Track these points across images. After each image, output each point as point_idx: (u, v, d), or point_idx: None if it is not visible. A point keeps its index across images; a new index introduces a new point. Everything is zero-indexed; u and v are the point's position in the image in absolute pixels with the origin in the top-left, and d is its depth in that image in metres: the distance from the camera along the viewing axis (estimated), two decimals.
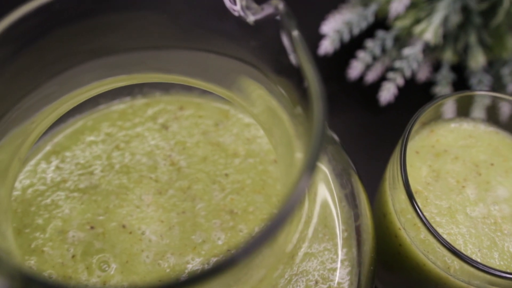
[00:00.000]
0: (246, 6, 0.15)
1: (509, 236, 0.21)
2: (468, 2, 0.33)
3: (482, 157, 0.23)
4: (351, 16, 0.34)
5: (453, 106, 0.24)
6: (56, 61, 0.17)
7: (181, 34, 0.17)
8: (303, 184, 0.12)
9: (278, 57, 0.15)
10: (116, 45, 0.17)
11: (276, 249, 0.17)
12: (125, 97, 0.27)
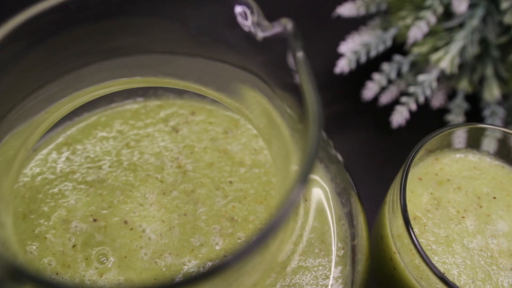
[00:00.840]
0: (257, 22, 0.16)
1: (505, 271, 0.21)
2: (487, 34, 0.33)
3: (485, 190, 0.24)
4: (369, 39, 0.35)
5: (460, 137, 0.24)
6: (74, 57, 0.18)
7: (194, 42, 0.18)
8: (295, 195, 0.13)
9: (283, 74, 0.15)
10: (132, 47, 0.18)
11: (268, 257, 0.17)
12: (139, 98, 0.28)
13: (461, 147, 0.25)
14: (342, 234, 0.24)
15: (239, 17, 0.16)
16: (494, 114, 0.34)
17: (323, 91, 0.39)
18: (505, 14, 0.31)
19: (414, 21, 0.33)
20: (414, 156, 0.21)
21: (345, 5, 0.36)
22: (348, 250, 0.24)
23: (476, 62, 0.35)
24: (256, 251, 0.13)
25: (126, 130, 0.27)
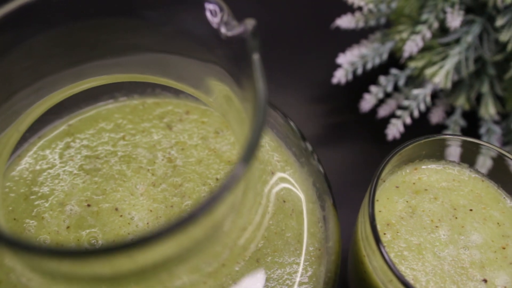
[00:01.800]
0: (225, 21, 0.17)
1: (474, 282, 0.22)
2: (483, 52, 0.33)
3: (462, 202, 0.24)
4: (366, 51, 0.36)
5: (440, 148, 0.25)
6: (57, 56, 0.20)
7: (163, 38, 0.19)
8: (237, 171, 0.14)
9: (240, 70, 0.16)
10: (103, 45, 0.20)
11: (226, 240, 0.19)
12: (138, 95, 0.29)
13: (442, 159, 0.25)
14: (319, 236, 0.25)
15: (209, 13, 0.18)
16: (491, 132, 0.35)
17: (322, 101, 0.40)
18: (500, 31, 0.32)
19: (410, 35, 0.33)
20: (386, 165, 0.22)
21: (343, 17, 0.37)
22: (324, 251, 0.25)
23: (473, 79, 0.35)
24: (199, 220, 0.14)
25: (123, 124, 0.28)
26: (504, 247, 0.23)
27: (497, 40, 0.32)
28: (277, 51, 0.42)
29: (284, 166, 0.27)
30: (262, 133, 0.15)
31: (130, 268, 0.16)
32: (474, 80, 0.35)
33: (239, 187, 0.16)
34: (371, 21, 0.37)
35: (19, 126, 0.21)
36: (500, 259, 0.22)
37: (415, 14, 0.35)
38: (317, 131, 0.38)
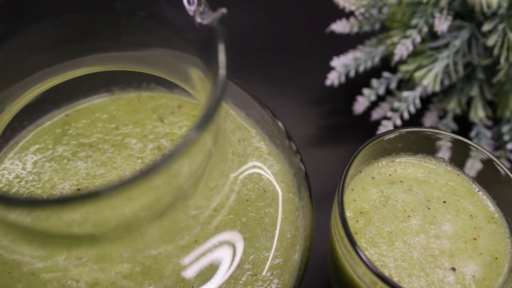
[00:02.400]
0: (201, 11, 0.18)
1: (442, 270, 0.22)
2: (472, 56, 0.34)
3: (436, 194, 0.24)
4: (359, 55, 0.37)
5: (416, 142, 0.25)
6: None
7: (142, 31, 0.21)
8: (190, 136, 0.16)
9: (209, 55, 0.18)
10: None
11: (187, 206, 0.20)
12: (134, 89, 0.31)
13: (418, 152, 0.26)
14: (296, 223, 0.26)
15: (186, 2, 0.19)
16: (481, 135, 0.35)
17: (318, 103, 0.41)
18: (488, 36, 0.32)
19: (401, 39, 0.34)
20: (353, 161, 0.23)
21: (338, 22, 0.38)
22: (300, 238, 0.26)
23: (464, 84, 0.36)
24: (154, 173, 0.15)
25: (118, 115, 0.30)
26: (475, 238, 0.23)
27: (485, 45, 0.33)
28: (275, 55, 0.43)
29: (267, 158, 0.28)
30: (218, 105, 0.16)
31: (102, 221, 0.17)
32: (465, 84, 0.36)
33: (194, 151, 0.18)
34: (365, 26, 0.38)
35: (12, 107, 0.23)
36: (470, 249, 0.23)
37: (407, 20, 0.35)
38: (312, 131, 0.39)
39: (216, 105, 0.17)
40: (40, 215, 0.17)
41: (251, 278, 0.24)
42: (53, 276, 0.22)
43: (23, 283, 0.23)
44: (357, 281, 0.22)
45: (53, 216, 0.17)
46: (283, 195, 0.26)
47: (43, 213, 0.16)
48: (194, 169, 0.19)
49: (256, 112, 0.30)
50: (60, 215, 0.17)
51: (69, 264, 0.22)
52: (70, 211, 0.16)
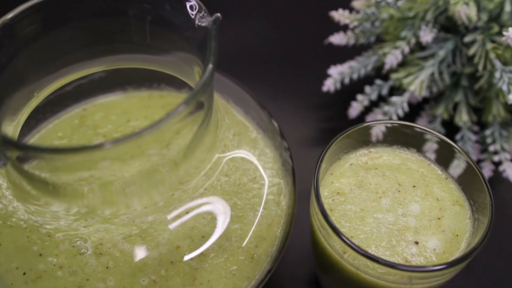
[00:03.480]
0: (201, 15, 0.23)
1: (406, 242, 0.25)
2: (456, 65, 0.37)
3: (407, 180, 0.27)
4: (354, 64, 0.40)
5: (390, 134, 0.28)
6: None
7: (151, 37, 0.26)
8: (178, 109, 0.19)
9: (204, 53, 0.22)
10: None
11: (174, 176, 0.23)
12: (146, 88, 0.35)
13: (394, 144, 0.29)
14: (282, 204, 0.29)
15: (189, 8, 0.23)
16: (466, 138, 0.37)
17: (316, 109, 0.44)
18: (469, 47, 0.35)
19: (391, 50, 0.37)
20: (327, 150, 0.26)
21: (336, 35, 0.41)
22: (284, 217, 0.28)
23: (451, 91, 0.38)
24: (145, 135, 0.19)
25: (131, 111, 0.34)
26: (439, 217, 0.26)
27: (468, 55, 0.36)
28: (278, 63, 0.47)
29: (259, 149, 0.31)
30: (205, 88, 0.20)
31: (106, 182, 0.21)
32: (452, 92, 0.38)
33: (181, 125, 0.21)
34: (361, 39, 0.42)
35: (40, 95, 0.27)
36: (434, 226, 0.25)
37: (398, 33, 0.39)
38: (310, 133, 0.42)
39: (202, 86, 0.20)
40: (56, 164, 0.20)
41: (237, 249, 0.27)
42: (65, 237, 0.26)
43: (39, 245, 0.26)
44: (330, 251, 0.25)
45: (65, 165, 0.21)
46: (271, 181, 0.30)
47: (57, 160, 0.20)
48: (183, 141, 0.23)
49: (254, 111, 0.34)
50: (70, 165, 0.20)
51: (79, 225, 0.26)
52: (77, 158, 0.20)
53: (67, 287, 0.26)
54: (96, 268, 0.26)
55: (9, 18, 0.23)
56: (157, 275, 0.26)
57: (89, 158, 0.20)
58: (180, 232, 0.27)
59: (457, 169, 0.27)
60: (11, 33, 0.23)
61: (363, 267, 0.23)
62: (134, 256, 0.26)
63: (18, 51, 0.24)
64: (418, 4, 0.36)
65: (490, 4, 0.34)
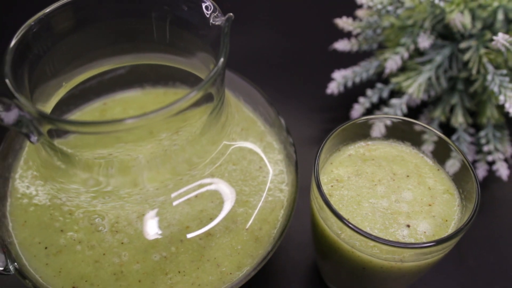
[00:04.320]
0: (215, 15, 0.25)
1: (399, 225, 0.27)
2: (452, 70, 0.39)
3: (402, 170, 0.29)
4: (357, 68, 0.42)
5: (385, 128, 0.30)
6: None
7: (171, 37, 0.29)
8: (190, 94, 0.22)
9: (217, 49, 0.25)
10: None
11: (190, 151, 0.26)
12: (162, 86, 0.38)
13: (390, 138, 0.31)
14: (285, 191, 0.31)
15: (204, 8, 0.26)
16: (461, 139, 0.39)
17: (320, 111, 0.46)
18: (464, 53, 0.38)
19: (391, 55, 0.40)
20: (331, 135, 0.28)
21: (340, 41, 0.44)
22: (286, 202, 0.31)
23: (448, 95, 0.41)
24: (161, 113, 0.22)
25: (146, 106, 0.37)
26: (430, 204, 0.28)
27: (463, 60, 0.38)
28: (285, 68, 0.50)
29: (266, 142, 0.34)
30: (215, 78, 0.23)
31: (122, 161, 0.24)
32: (449, 96, 0.41)
33: (189, 106, 0.24)
34: (364, 45, 0.44)
35: (67, 85, 0.30)
36: (425, 212, 0.27)
37: (398, 40, 0.41)
38: (314, 133, 0.44)
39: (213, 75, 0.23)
40: (80, 140, 0.23)
41: (242, 230, 0.29)
42: (85, 215, 0.28)
43: (61, 222, 0.29)
44: (328, 232, 0.27)
45: (87, 141, 0.23)
46: (275, 170, 0.32)
47: (84, 130, 0.23)
48: (192, 129, 0.25)
49: (263, 107, 0.36)
50: (92, 141, 0.23)
51: (97, 203, 0.28)
52: (102, 129, 0.22)
53: (85, 261, 0.28)
54: (112, 243, 0.28)
55: (46, 12, 0.26)
56: (167, 252, 0.28)
57: (112, 129, 0.23)
58: (190, 214, 0.29)
59: (449, 163, 0.29)
60: (47, 27, 0.26)
61: (358, 246, 0.25)
62: (146, 234, 0.28)
63: (53, 44, 0.27)
64: (417, 13, 0.39)
65: (484, 12, 0.36)
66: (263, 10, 0.59)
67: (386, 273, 0.26)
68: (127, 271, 0.27)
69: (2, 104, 0.22)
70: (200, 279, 0.28)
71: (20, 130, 0.23)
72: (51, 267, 0.28)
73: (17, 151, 0.33)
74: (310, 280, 0.35)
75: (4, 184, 0.31)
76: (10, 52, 0.24)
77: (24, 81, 0.24)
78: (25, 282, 0.28)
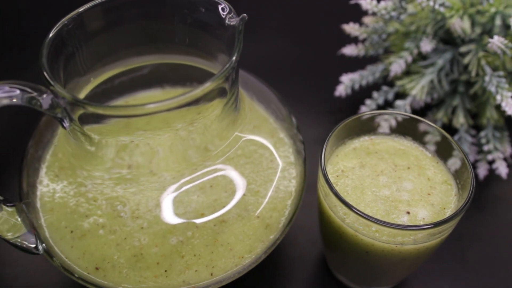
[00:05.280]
0: (230, 16, 0.28)
1: (400, 212, 0.28)
2: (454, 73, 0.41)
3: (403, 162, 0.31)
4: (364, 72, 0.45)
5: (387, 123, 0.32)
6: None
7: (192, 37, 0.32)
8: (206, 84, 0.24)
9: (230, 49, 0.27)
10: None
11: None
12: (181, 86, 0.40)
13: (392, 133, 0.33)
14: (293, 183, 0.33)
15: (220, 9, 0.28)
16: (462, 139, 0.41)
17: (329, 112, 0.49)
18: (464, 56, 0.40)
19: (396, 59, 0.42)
20: (337, 128, 0.30)
21: (348, 46, 0.46)
22: (294, 193, 0.33)
23: (451, 97, 0.43)
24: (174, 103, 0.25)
25: None
26: (429, 193, 0.29)
27: (464, 64, 0.40)
28: (296, 72, 0.52)
29: (277, 138, 0.36)
30: (226, 74, 0.26)
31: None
32: (451, 98, 0.43)
33: (207, 94, 0.26)
34: (370, 51, 0.46)
35: (95, 81, 0.33)
36: (424, 200, 0.29)
37: (402, 44, 0.43)
38: (323, 133, 0.46)
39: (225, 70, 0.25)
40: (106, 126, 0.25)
41: (253, 218, 0.31)
42: (108, 202, 0.31)
43: (85, 208, 0.31)
44: (333, 217, 0.29)
45: (112, 127, 0.26)
46: (284, 164, 0.34)
47: (113, 114, 0.25)
48: (205, 121, 0.28)
49: (275, 106, 0.39)
50: (117, 127, 0.25)
51: (119, 189, 0.30)
52: (128, 112, 0.25)
53: (107, 244, 0.30)
54: (132, 228, 0.30)
55: (80, 11, 0.28)
56: (184, 236, 0.30)
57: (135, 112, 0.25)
58: (204, 202, 0.31)
59: (449, 158, 0.31)
60: (81, 26, 0.29)
61: (362, 230, 0.27)
62: (165, 219, 0.30)
63: (85, 41, 0.30)
64: (419, 19, 0.41)
65: (482, 18, 0.38)
66: (275, 18, 0.61)
67: (388, 256, 0.28)
68: (146, 254, 0.30)
69: (40, 91, 0.25)
70: (214, 261, 0.30)
71: (55, 115, 0.26)
72: (76, 249, 0.30)
73: (46, 144, 0.35)
74: (317, 270, 0.37)
75: (34, 173, 0.34)
76: (46, 45, 0.26)
77: (59, 74, 0.27)
78: (53, 261, 0.30)
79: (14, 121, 0.49)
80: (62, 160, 0.34)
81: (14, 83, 0.25)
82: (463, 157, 0.29)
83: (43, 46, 0.26)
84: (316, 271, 0.37)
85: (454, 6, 0.38)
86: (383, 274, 0.31)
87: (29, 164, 0.34)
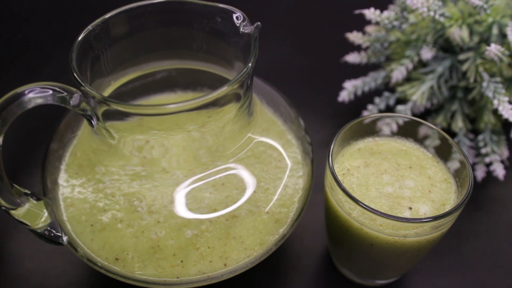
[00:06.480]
0: (244, 24, 0.30)
1: (403, 207, 0.30)
2: (453, 80, 0.43)
3: (405, 162, 0.33)
4: (366, 79, 0.47)
5: (390, 125, 0.34)
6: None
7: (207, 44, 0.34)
8: (223, 87, 0.27)
9: (246, 56, 0.29)
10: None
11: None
12: (192, 91, 0.42)
13: (395, 135, 0.35)
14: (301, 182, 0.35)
15: (235, 18, 0.31)
16: (461, 143, 0.43)
17: (332, 117, 0.51)
18: (463, 63, 0.42)
19: (397, 66, 0.44)
20: (343, 129, 0.32)
21: (351, 54, 0.48)
22: (301, 191, 0.35)
23: (449, 103, 0.45)
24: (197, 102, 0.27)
25: None
26: (430, 191, 0.31)
27: (462, 71, 0.42)
28: (301, 79, 0.54)
29: (285, 139, 0.38)
30: (242, 78, 0.28)
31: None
32: (449, 104, 0.45)
33: (223, 97, 0.28)
34: (372, 58, 0.48)
35: (115, 84, 0.35)
36: (425, 197, 0.31)
37: (403, 52, 0.46)
38: (326, 137, 0.48)
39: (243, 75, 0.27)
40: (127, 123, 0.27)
41: (263, 213, 0.33)
42: (125, 197, 0.32)
43: (104, 203, 0.33)
44: (340, 212, 0.31)
45: (131, 125, 0.28)
46: (292, 164, 0.36)
47: (136, 112, 0.27)
48: (217, 123, 0.30)
49: (283, 108, 0.41)
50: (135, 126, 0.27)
51: (136, 184, 0.32)
52: (150, 111, 0.27)
53: (125, 237, 0.32)
54: (149, 222, 0.32)
55: (105, 18, 0.30)
56: (198, 230, 0.32)
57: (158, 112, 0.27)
58: (217, 199, 0.33)
59: (446, 156, 0.33)
60: (106, 30, 0.31)
61: (367, 223, 0.29)
62: (180, 214, 0.32)
63: (109, 45, 0.32)
64: (420, 28, 0.43)
65: (480, 27, 0.41)
66: (282, 27, 0.64)
67: (391, 248, 0.30)
68: (163, 246, 0.31)
69: (69, 92, 0.27)
70: (227, 253, 0.32)
71: (84, 113, 0.28)
72: (96, 242, 0.32)
73: (66, 144, 0.37)
74: (322, 264, 0.39)
75: (55, 171, 0.36)
76: (75, 49, 0.28)
77: (86, 75, 0.29)
78: (77, 252, 0.32)
79: (38, 121, 0.50)
80: (80, 159, 0.36)
81: (45, 85, 0.27)
82: (462, 157, 0.31)
83: (72, 50, 0.28)
84: (321, 265, 0.39)
85: (453, 16, 0.40)
86: (386, 267, 0.33)
87: (51, 162, 0.36)
